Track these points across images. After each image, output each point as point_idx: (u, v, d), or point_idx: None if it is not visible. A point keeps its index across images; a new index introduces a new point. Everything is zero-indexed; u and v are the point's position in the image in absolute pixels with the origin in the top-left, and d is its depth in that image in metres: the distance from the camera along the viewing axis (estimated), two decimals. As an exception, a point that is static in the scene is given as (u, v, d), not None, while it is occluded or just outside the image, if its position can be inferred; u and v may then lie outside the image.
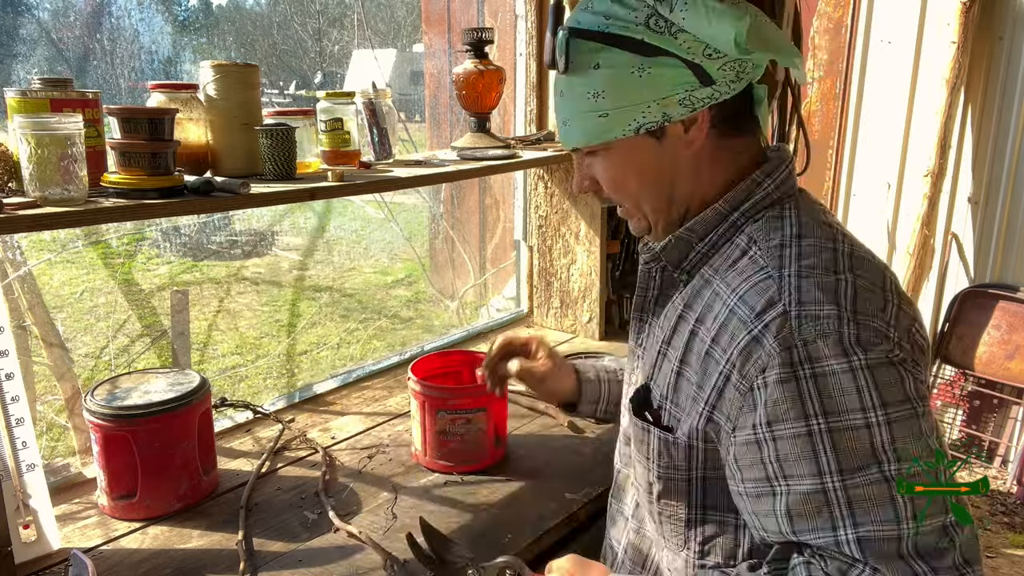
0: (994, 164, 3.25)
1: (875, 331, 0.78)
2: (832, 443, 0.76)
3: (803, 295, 0.80)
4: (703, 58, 0.86)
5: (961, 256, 3.41)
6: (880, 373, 0.77)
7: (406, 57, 4.34)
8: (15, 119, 1.05)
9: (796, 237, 0.87)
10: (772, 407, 0.79)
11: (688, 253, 0.95)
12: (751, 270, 0.86)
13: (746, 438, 0.82)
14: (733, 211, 0.92)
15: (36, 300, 1.93)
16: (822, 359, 0.77)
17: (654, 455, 0.94)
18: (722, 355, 0.84)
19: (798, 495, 0.78)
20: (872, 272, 0.84)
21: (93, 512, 1.34)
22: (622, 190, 0.96)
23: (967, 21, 3.09)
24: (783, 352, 0.78)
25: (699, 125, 0.89)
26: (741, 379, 0.81)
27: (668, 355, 0.94)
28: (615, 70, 0.88)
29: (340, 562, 1.20)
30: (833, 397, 0.76)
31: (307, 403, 1.84)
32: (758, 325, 0.81)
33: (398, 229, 4.08)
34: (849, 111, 3.58)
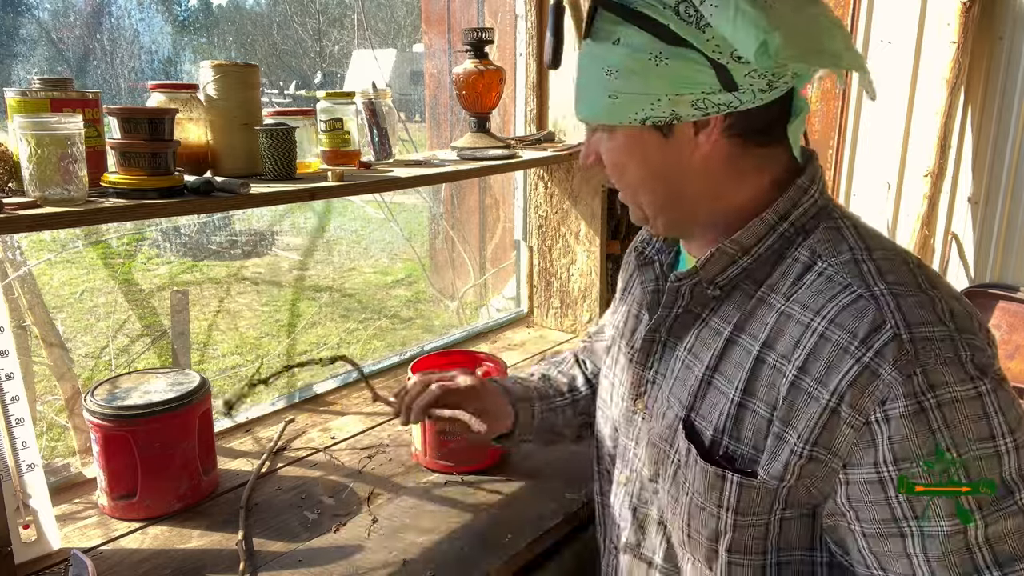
0: (994, 164, 3.26)
1: (980, 349, 0.74)
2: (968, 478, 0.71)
3: (908, 316, 0.73)
4: (731, 59, 0.76)
5: (961, 256, 3.41)
6: (1001, 396, 0.72)
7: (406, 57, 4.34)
8: (15, 119, 1.05)
9: (865, 250, 0.80)
10: (900, 443, 0.71)
11: (727, 268, 0.86)
12: (832, 289, 0.78)
13: (867, 476, 0.74)
14: (781, 221, 0.84)
15: (36, 300, 1.93)
16: (945, 386, 0.71)
17: (730, 502, 0.82)
18: (819, 387, 0.75)
19: (937, 538, 0.72)
20: (943, 283, 0.79)
21: (93, 512, 1.34)
22: (622, 176, 0.89)
23: (967, 21, 3.09)
24: (906, 381, 0.71)
25: (709, 130, 0.81)
26: (854, 413, 0.73)
27: (716, 383, 0.85)
28: (632, 51, 0.79)
29: (340, 562, 1.20)
30: (960, 427, 0.71)
31: (307, 403, 1.84)
32: (867, 352, 0.73)
33: (398, 229, 4.08)
34: (849, 111, 3.59)
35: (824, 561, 0.84)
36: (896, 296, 0.75)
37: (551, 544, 1.32)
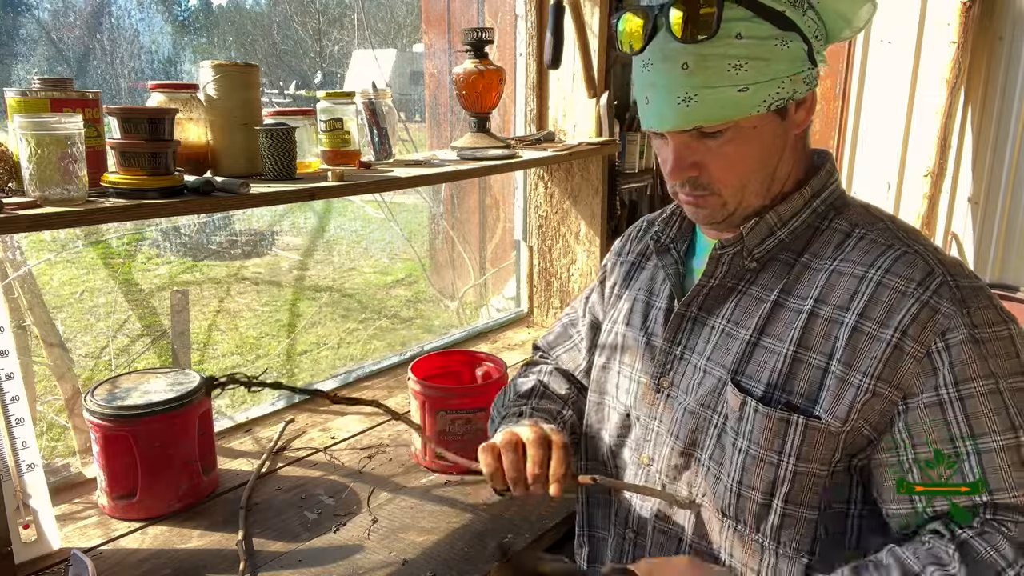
0: (994, 164, 3.25)
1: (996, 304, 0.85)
2: (1014, 400, 0.79)
3: (950, 268, 0.84)
4: (814, 39, 0.87)
5: (961, 256, 3.41)
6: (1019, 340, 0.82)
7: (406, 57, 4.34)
8: (15, 119, 1.05)
9: (892, 221, 0.92)
10: (961, 367, 0.80)
11: (767, 239, 0.93)
12: (878, 248, 0.87)
13: (928, 401, 0.81)
14: (814, 198, 0.93)
15: (36, 300, 1.93)
16: (989, 325, 0.81)
17: (793, 447, 0.86)
18: (881, 328, 0.83)
19: (994, 452, 0.78)
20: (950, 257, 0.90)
21: (93, 512, 1.34)
22: (735, 171, 0.89)
23: (967, 21, 3.09)
24: (963, 315, 0.81)
25: (807, 105, 0.90)
26: (916, 345, 0.81)
27: (765, 344, 0.89)
28: (758, 41, 0.84)
29: (340, 562, 1.20)
30: (1011, 357, 0.81)
31: (307, 403, 1.84)
32: (925, 292, 0.82)
33: (398, 229, 4.08)
34: (849, 111, 3.58)
35: (856, 512, 0.89)
36: (935, 252, 0.86)
37: (551, 544, 1.32)
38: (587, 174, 2.17)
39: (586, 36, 2.02)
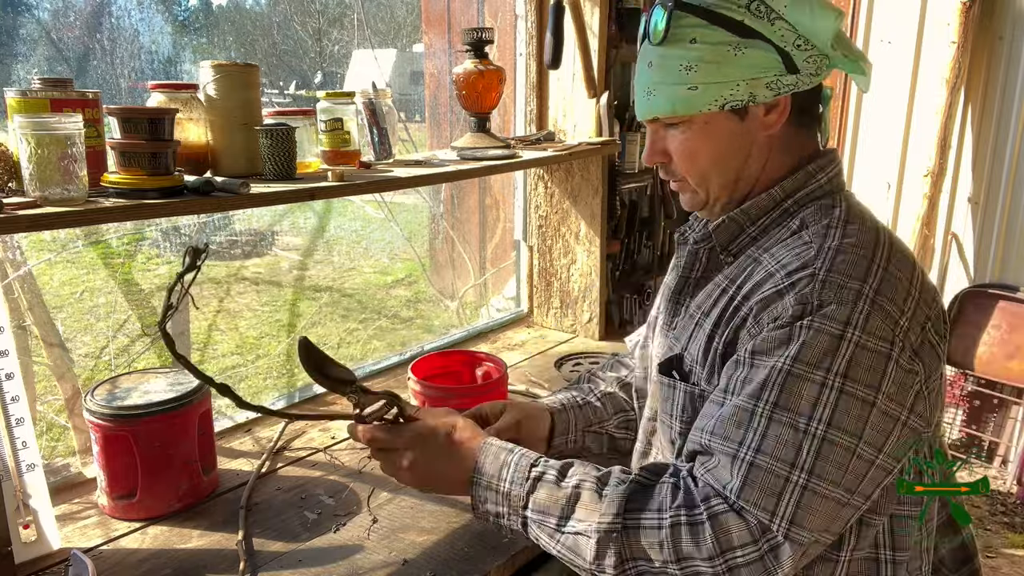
0: (994, 164, 3.25)
1: (886, 315, 0.84)
2: (783, 381, 0.83)
3: (835, 265, 0.86)
4: (793, 47, 0.92)
5: (961, 256, 3.41)
6: (863, 354, 0.83)
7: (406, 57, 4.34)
8: (15, 119, 1.05)
9: (844, 222, 0.93)
10: (762, 341, 0.87)
11: (738, 236, 1.00)
12: (797, 244, 0.92)
13: (733, 359, 0.90)
14: (787, 198, 0.98)
15: (36, 300, 1.93)
16: (825, 319, 0.83)
17: (677, 411, 0.98)
18: (746, 305, 0.91)
19: (732, 407, 0.86)
20: (904, 264, 0.90)
21: (93, 512, 1.34)
22: (694, 163, 0.99)
23: (967, 21, 3.09)
24: (796, 306, 0.85)
25: (780, 110, 0.95)
26: (755, 324, 0.89)
27: (703, 324, 0.98)
28: (711, 47, 0.92)
29: (340, 562, 1.20)
30: (811, 349, 0.83)
31: (307, 403, 1.84)
32: (787, 282, 0.88)
33: (398, 229, 4.08)
34: (849, 111, 3.58)
35: None
36: (838, 251, 0.88)
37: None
38: (587, 174, 2.18)
39: (586, 36, 2.02)
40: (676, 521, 0.84)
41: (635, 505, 0.87)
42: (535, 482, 0.93)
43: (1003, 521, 2.97)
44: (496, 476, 0.96)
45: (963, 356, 3.30)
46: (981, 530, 2.88)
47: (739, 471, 0.83)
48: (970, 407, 3.33)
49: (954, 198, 3.39)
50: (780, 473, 0.82)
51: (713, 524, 0.82)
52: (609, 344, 2.22)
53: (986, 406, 3.31)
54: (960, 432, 3.34)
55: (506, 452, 0.98)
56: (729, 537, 0.82)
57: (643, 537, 0.85)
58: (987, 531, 2.89)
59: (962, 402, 3.35)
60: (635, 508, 0.87)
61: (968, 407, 3.34)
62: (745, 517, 0.82)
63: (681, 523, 0.84)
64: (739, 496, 0.82)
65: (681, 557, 0.83)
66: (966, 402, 3.34)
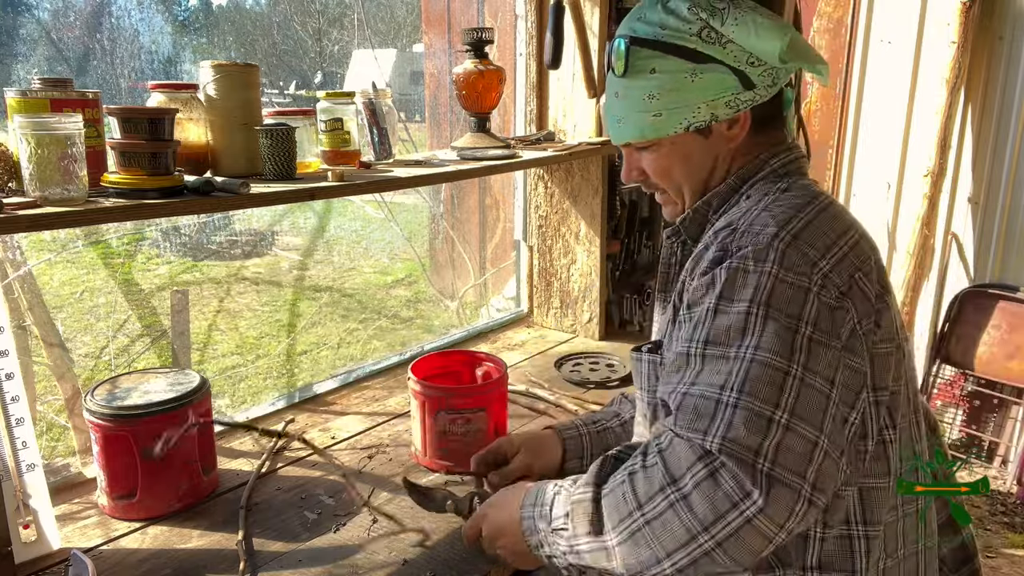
0: (994, 164, 3.25)
1: (803, 255, 0.87)
2: (712, 319, 0.87)
3: (755, 220, 0.92)
4: (747, 66, 0.99)
5: (961, 256, 3.41)
6: (781, 285, 0.86)
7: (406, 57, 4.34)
8: (15, 119, 1.05)
9: (783, 191, 0.99)
10: (692, 294, 0.93)
11: (705, 226, 1.06)
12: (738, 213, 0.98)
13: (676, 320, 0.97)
14: (742, 184, 1.04)
15: (36, 300, 1.93)
16: (742, 258, 0.88)
17: (645, 381, 1.06)
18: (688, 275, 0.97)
19: (672, 355, 0.92)
20: (836, 224, 0.94)
21: (93, 512, 1.34)
22: (668, 179, 1.08)
23: (967, 21, 3.09)
24: (717, 253, 0.91)
25: (741, 124, 1.02)
26: (690, 280, 0.95)
27: (669, 310, 1.05)
28: (669, 75, 1.00)
29: (340, 562, 1.20)
30: (732, 286, 0.87)
31: (307, 403, 1.84)
32: (714, 241, 0.94)
33: (398, 229, 4.08)
34: (849, 111, 3.58)
35: None
36: (763, 210, 0.94)
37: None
38: (587, 174, 2.18)
39: (586, 36, 2.02)
40: (632, 470, 0.88)
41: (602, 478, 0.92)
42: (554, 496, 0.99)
43: (1003, 521, 2.97)
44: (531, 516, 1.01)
45: (963, 356, 3.30)
46: (981, 530, 2.88)
47: (676, 401, 0.86)
48: (970, 407, 3.33)
49: (954, 198, 3.39)
50: (710, 396, 0.83)
51: (662, 458, 0.84)
52: (609, 344, 2.23)
53: (986, 406, 3.31)
54: (960, 432, 3.34)
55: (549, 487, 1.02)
56: (678, 462, 0.83)
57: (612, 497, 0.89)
58: (987, 531, 2.89)
59: (962, 402, 3.35)
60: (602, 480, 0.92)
61: (968, 407, 3.34)
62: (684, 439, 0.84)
63: (636, 471, 0.87)
64: (675, 425, 0.85)
65: (640, 501, 0.85)
66: (966, 402, 3.34)
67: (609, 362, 2.06)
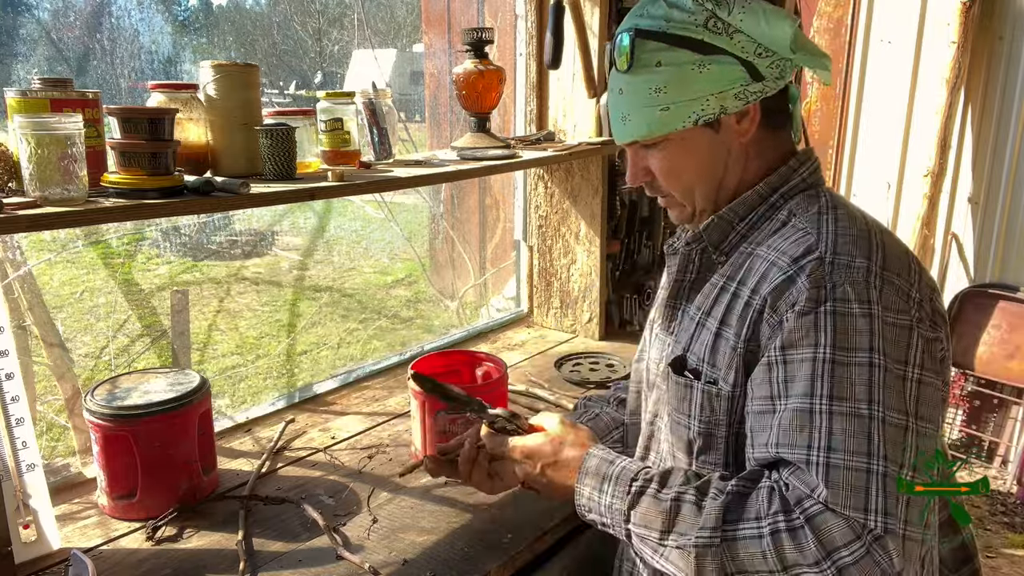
0: (994, 164, 3.25)
1: (898, 289, 0.86)
2: (831, 371, 0.83)
3: (839, 247, 0.89)
4: (755, 56, 0.96)
5: (961, 256, 3.41)
6: (890, 330, 0.84)
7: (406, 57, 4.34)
8: (15, 119, 1.05)
9: (832, 208, 0.96)
10: (789, 334, 0.87)
11: (728, 234, 1.03)
12: (792, 232, 0.95)
13: (764, 361, 0.89)
14: (772, 193, 1.01)
15: (36, 300, 1.93)
16: (845, 300, 0.85)
17: (696, 410, 0.98)
18: (758, 297, 0.92)
19: (790, 411, 0.85)
20: (897, 243, 0.94)
21: (93, 512, 1.34)
22: (678, 179, 1.04)
23: (967, 21, 3.09)
24: (812, 289, 0.86)
25: (751, 117, 0.99)
26: (772, 313, 0.89)
27: (707, 324, 1.00)
28: (677, 67, 0.96)
29: (340, 562, 1.20)
30: (846, 333, 0.84)
31: (307, 403, 1.84)
32: (794, 268, 0.89)
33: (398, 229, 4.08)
34: (849, 111, 3.59)
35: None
36: (836, 234, 0.91)
37: (551, 544, 1.32)
38: (587, 174, 2.18)
39: (586, 36, 2.02)
40: (775, 528, 0.82)
41: (733, 516, 0.85)
42: (637, 496, 0.93)
43: (1003, 521, 2.97)
44: (598, 488, 0.97)
45: (963, 356, 3.30)
46: (981, 530, 2.88)
47: (820, 474, 0.81)
48: (970, 407, 3.33)
49: (954, 198, 3.39)
50: (859, 467, 0.80)
51: (812, 526, 0.80)
52: (609, 344, 2.23)
53: (986, 406, 3.31)
54: (960, 432, 3.34)
55: (607, 464, 0.99)
56: (831, 537, 0.79)
57: (743, 548, 0.83)
58: (987, 531, 2.89)
59: (962, 402, 3.35)
60: (734, 519, 0.85)
61: (968, 407, 3.34)
62: (842, 516, 0.80)
63: (781, 530, 0.81)
64: (827, 501, 0.80)
65: (787, 566, 0.81)
66: (966, 402, 3.34)
67: (609, 362, 2.06)
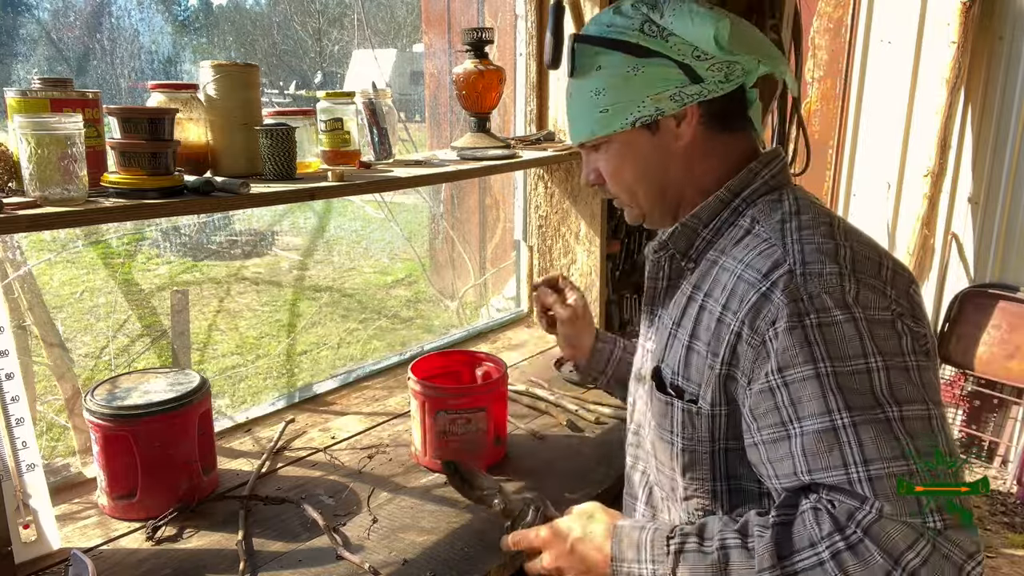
0: (994, 164, 3.25)
1: (872, 288, 0.86)
2: (838, 384, 0.81)
3: (806, 256, 0.88)
4: (692, 59, 0.96)
5: (961, 256, 3.41)
6: (876, 327, 0.83)
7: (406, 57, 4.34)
8: (15, 119, 1.05)
9: (795, 213, 0.95)
10: (783, 354, 0.84)
11: (694, 240, 1.03)
12: (756, 242, 0.94)
13: (761, 387, 0.86)
14: (734, 198, 1.00)
15: (36, 300, 1.93)
16: (826, 310, 0.84)
17: (678, 428, 0.98)
18: (733, 316, 0.90)
19: (811, 434, 0.82)
20: (866, 243, 0.93)
21: (93, 512, 1.34)
22: (620, 180, 1.06)
23: (967, 21, 3.09)
24: (790, 304, 0.85)
25: (689, 120, 0.99)
26: (752, 334, 0.87)
27: (678, 335, 1.00)
28: (613, 70, 0.99)
29: (340, 562, 1.20)
30: (836, 343, 0.82)
31: (307, 403, 1.84)
32: (766, 284, 0.88)
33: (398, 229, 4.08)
34: (849, 111, 3.59)
35: (766, 492, 0.93)
36: (803, 243, 0.90)
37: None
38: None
39: (586, 36, 2.01)
40: (835, 550, 0.78)
41: (786, 549, 0.82)
42: (677, 556, 0.90)
43: (1003, 521, 2.97)
44: (636, 559, 0.94)
45: (963, 356, 3.30)
46: (981, 530, 2.88)
47: (867, 488, 0.79)
48: (970, 407, 3.33)
49: (954, 198, 3.39)
50: (900, 471, 0.78)
51: (871, 537, 0.77)
52: (609, 344, 2.22)
53: (986, 406, 3.31)
54: (960, 432, 3.34)
55: (638, 531, 0.95)
56: (894, 543, 0.77)
57: None
58: (987, 531, 2.89)
59: (962, 402, 3.35)
60: (788, 553, 0.82)
61: (968, 407, 3.34)
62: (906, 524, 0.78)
63: (840, 550, 0.78)
64: (882, 512, 0.78)
65: None
66: (966, 402, 3.34)
67: (609, 362, 2.06)
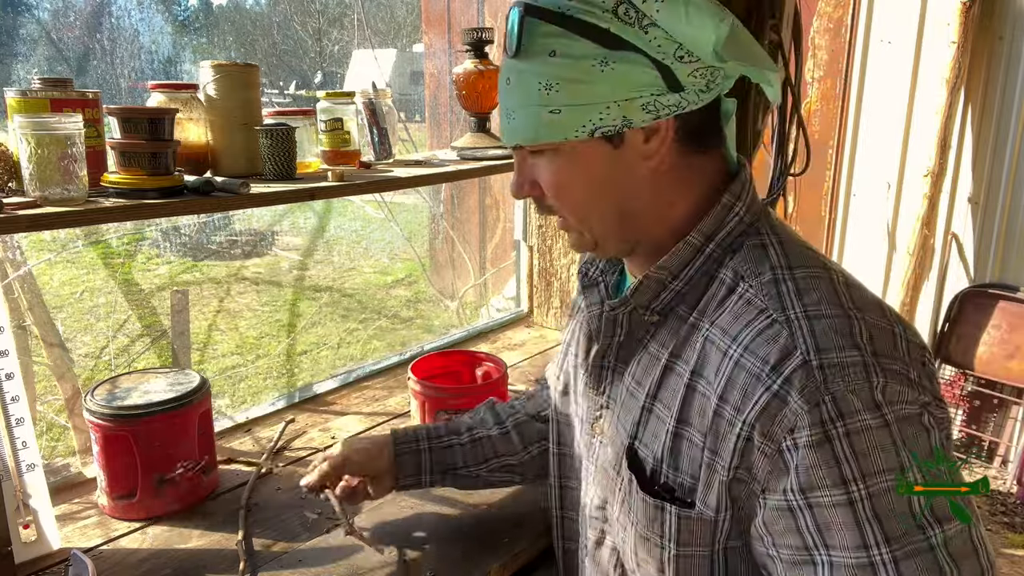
0: (994, 164, 3.25)
1: (897, 376, 0.72)
2: (874, 512, 0.69)
3: (820, 341, 0.72)
4: (674, 60, 0.76)
5: (961, 256, 3.41)
6: (905, 426, 0.71)
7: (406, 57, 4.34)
8: (15, 119, 1.04)
9: (787, 269, 0.79)
10: (806, 473, 0.70)
11: (660, 292, 0.85)
12: (749, 313, 0.77)
13: (778, 503, 0.73)
14: (708, 242, 0.83)
15: (36, 300, 1.93)
16: (854, 414, 0.70)
17: (671, 533, 0.82)
18: (736, 415, 0.75)
19: (843, 568, 0.70)
20: (872, 303, 0.78)
21: (93, 512, 1.34)
22: (566, 199, 0.85)
23: (967, 21, 3.09)
24: (812, 410, 0.70)
25: (661, 136, 0.79)
26: (766, 441, 0.73)
27: (656, 411, 0.84)
28: (574, 61, 0.76)
29: (340, 562, 1.20)
30: (869, 456, 0.69)
31: (307, 403, 1.84)
32: (777, 380, 0.72)
33: (398, 229, 4.09)
34: (849, 111, 3.59)
35: None
36: (811, 319, 0.74)
37: (550, 544, 1.32)
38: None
39: (586, 36, 2.01)
40: None
41: None
42: None
43: (1003, 521, 2.97)
44: None
45: (963, 356, 3.30)
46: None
47: None
48: (970, 407, 3.33)
49: (954, 198, 3.39)
50: None
51: None
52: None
53: (986, 406, 3.31)
54: (960, 432, 3.34)
55: None
56: None
57: None
58: (987, 531, 2.89)
59: (962, 402, 3.35)
60: None
61: (968, 407, 3.34)
62: None
63: None
64: None
65: None
66: (966, 402, 3.34)
67: (609, 362, 2.06)
